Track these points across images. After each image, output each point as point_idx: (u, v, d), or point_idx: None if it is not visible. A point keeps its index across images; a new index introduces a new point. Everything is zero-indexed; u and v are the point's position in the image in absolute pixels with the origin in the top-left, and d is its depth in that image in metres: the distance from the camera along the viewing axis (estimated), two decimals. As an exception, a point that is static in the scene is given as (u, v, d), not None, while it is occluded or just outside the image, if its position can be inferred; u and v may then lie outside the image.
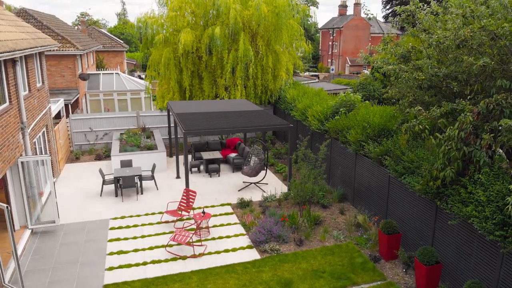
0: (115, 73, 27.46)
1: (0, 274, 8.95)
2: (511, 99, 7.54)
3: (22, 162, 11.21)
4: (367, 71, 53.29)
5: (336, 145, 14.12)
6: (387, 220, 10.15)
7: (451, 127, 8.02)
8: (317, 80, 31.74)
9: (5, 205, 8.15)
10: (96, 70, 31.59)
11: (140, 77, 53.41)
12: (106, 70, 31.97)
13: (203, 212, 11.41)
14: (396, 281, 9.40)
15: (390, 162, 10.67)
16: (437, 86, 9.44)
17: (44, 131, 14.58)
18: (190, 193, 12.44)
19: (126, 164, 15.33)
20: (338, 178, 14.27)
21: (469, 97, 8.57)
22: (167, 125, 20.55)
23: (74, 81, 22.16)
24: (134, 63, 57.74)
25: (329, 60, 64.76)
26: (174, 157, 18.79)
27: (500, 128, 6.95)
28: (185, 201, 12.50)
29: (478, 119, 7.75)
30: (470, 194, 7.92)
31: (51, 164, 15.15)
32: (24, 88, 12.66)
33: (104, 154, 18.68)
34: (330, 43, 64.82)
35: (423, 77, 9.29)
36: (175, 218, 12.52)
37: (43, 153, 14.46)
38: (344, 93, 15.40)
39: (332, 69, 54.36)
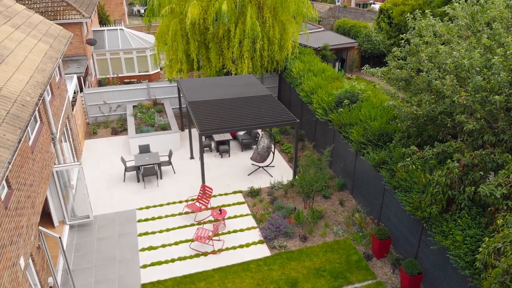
0: (119, 29, 27.30)
1: (54, 280, 10.79)
2: (494, 155, 8.62)
3: (56, 171, 12.50)
4: (374, 5, 51.52)
5: (339, 138, 15.22)
6: (379, 227, 11.75)
7: (440, 172, 9.19)
8: (322, 29, 31.41)
9: (57, 235, 9.66)
10: (100, 26, 31.07)
11: (139, 12, 51.91)
12: (109, 24, 31.39)
13: (220, 211, 13.01)
14: (384, 281, 11.27)
15: (385, 174, 11.94)
16: (433, 119, 10.37)
17: (66, 123, 15.58)
18: (207, 189, 13.91)
19: (144, 149, 16.58)
20: (339, 166, 15.62)
21: (459, 140, 9.59)
22: (177, 96, 21.38)
23: (82, 47, 22.40)
24: (132, -6, 55.43)
25: (335, -13, 61.81)
26: (186, 131, 19.92)
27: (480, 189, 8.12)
28: (201, 196, 14.01)
29: (463, 170, 8.89)
30: (450, 229, 9.36)
31: (74, 148, 16.45)
32: (48, 93, 13.43)
33: (120, 128, 19.82)
34: (337, -33, 61.29)
35: (421, 112, 10.18)
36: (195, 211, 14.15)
37: (67, 140, 15.62)
38: (347, 79, 16.07)
39: (338, 1, 52.46)
